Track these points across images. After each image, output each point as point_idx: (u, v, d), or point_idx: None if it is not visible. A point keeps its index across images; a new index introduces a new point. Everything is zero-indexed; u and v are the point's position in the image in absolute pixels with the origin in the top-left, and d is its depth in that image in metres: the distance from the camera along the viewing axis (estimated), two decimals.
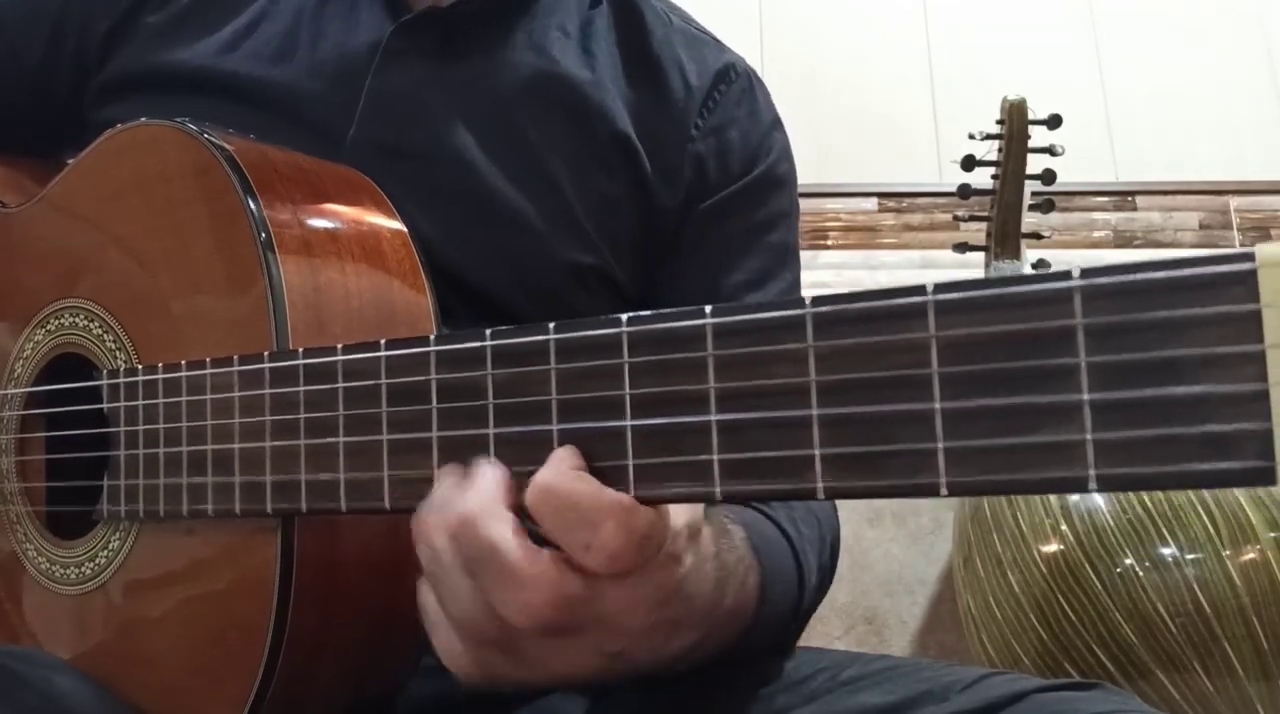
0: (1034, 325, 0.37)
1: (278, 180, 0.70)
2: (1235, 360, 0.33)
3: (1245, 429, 0.33)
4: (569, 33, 0.93)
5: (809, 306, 0.42)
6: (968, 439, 0.38)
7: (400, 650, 0.69)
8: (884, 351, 0.40)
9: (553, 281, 0.86)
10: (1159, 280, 0.35)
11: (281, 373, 0.60)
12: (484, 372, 0.51)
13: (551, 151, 0.88)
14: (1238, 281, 0.33)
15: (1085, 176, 2.49)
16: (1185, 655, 1.42)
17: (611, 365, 0.47)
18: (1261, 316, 0.33)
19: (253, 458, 0.61)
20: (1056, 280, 0.36)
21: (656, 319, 0.46)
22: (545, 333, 0.49)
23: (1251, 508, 1.48)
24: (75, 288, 0.77)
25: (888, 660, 0.73)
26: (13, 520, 0.79)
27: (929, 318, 0.39)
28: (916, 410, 0.39)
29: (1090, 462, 0.35)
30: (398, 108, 0.86)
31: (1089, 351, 0.36)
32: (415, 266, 0.72)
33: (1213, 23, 2.69)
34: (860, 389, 0.40)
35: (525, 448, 0.49)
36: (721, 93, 0.94)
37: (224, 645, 0.65)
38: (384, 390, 0.55)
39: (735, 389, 0.43)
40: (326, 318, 0.66)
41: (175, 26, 0.92)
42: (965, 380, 0.38)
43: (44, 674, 0.69)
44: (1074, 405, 0.36)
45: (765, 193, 0.93)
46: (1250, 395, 0.33)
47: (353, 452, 0.56)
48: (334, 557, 0.64)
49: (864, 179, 2.57)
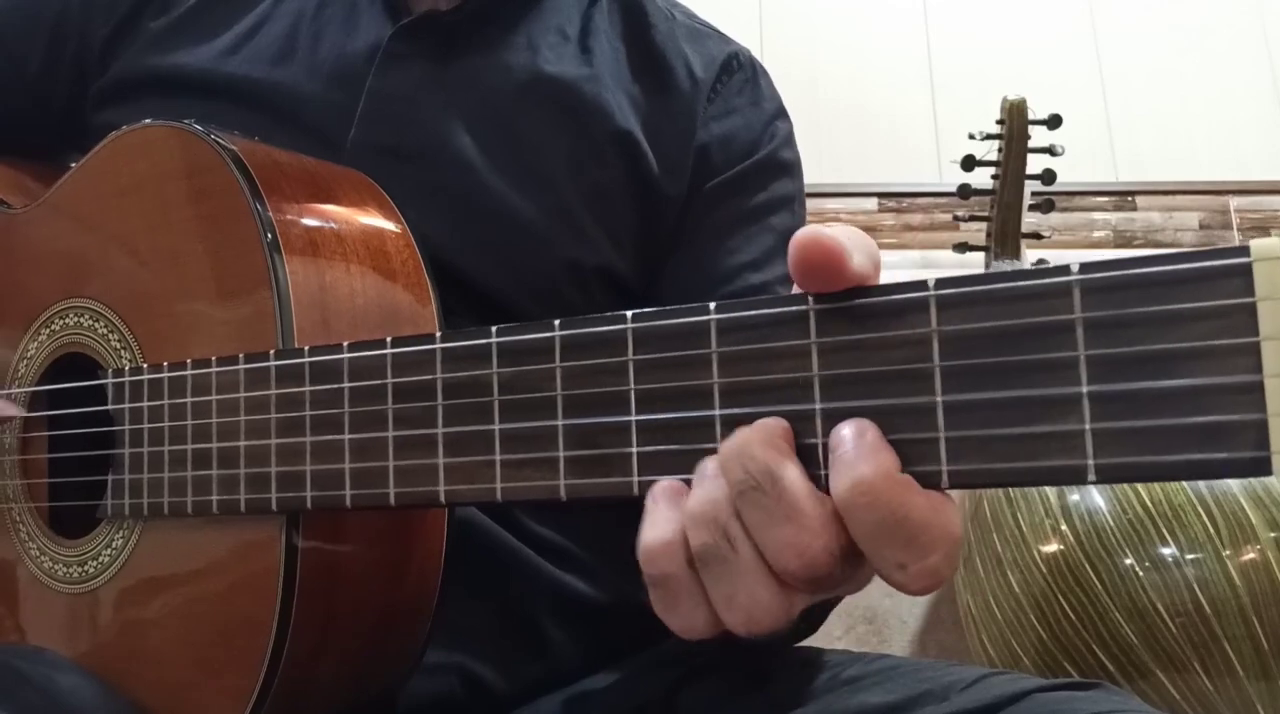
0: (1034, 319, 0.37)
1: (283, 181, 0.70)
2: (1231, 352, 0.34)
3: (1241, 420, 0.33)
4: (568, 34, 0.93)
5: (811, 302, 0.42)
6: (969, 430, 0.38)
7: (403, 648, 0.70)
8: (886, 346, 0.40)
9: (554, 281, 0.86)
10: (1156, 274, 0.35)
11: (287, 371, 0.60)
12: (489, 369, 0.51)
13: (550, 152, 0.88)
14: (1233, 275, 0.34)
15: (1085, 176, 2.50)
16: (1185, 655, 1.42)
17: (616, 362, 0.47)
18: (1256, 309, 0.33)
19: (258, 455, 0.61)
20: (1056, 275, 0.37)
21: (661, 316, 0.46)
22: (550, 330, 0.49)
23: (1251, 508, 1.48)
24: (80, 288, 0.77)
25: (888, 660, 0.74)
26: (15, 520, 0.79)
27: (931, 312, 0.39)
28: (918, 403, 0.40)
29: (1089, 452, 0.36)
30: (397, 110, 0.87)
31: (1088, 344, 0.36)
32: (418, 266, 0.73)
33: (1213, 23, 2.69)
34: (863, 382, 0.41)
35: (531, 444, 0.50)
36: (724, 82, 0.95)
37: (228, 640, 0.65)
38: (390, 388, 0.55)
39: (739, 384, 0.44)
40: (331, 317, 0.66)
41: (176, 31, 0.92)
42: (966, 373, 0.39)
43: (47, 673, 0.69)
44: (1073, 397, 0.36)
45: (768, 177, 0.94)
46: (1246, 386, 0.33)
47: (358, 448, 0.56)
48: (338, 552, 0.64)
49: (864, 179, 2.57)
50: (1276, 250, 0.33)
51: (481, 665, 0.78)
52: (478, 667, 0.78)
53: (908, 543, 0.41)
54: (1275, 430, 0.33)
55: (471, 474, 0.52)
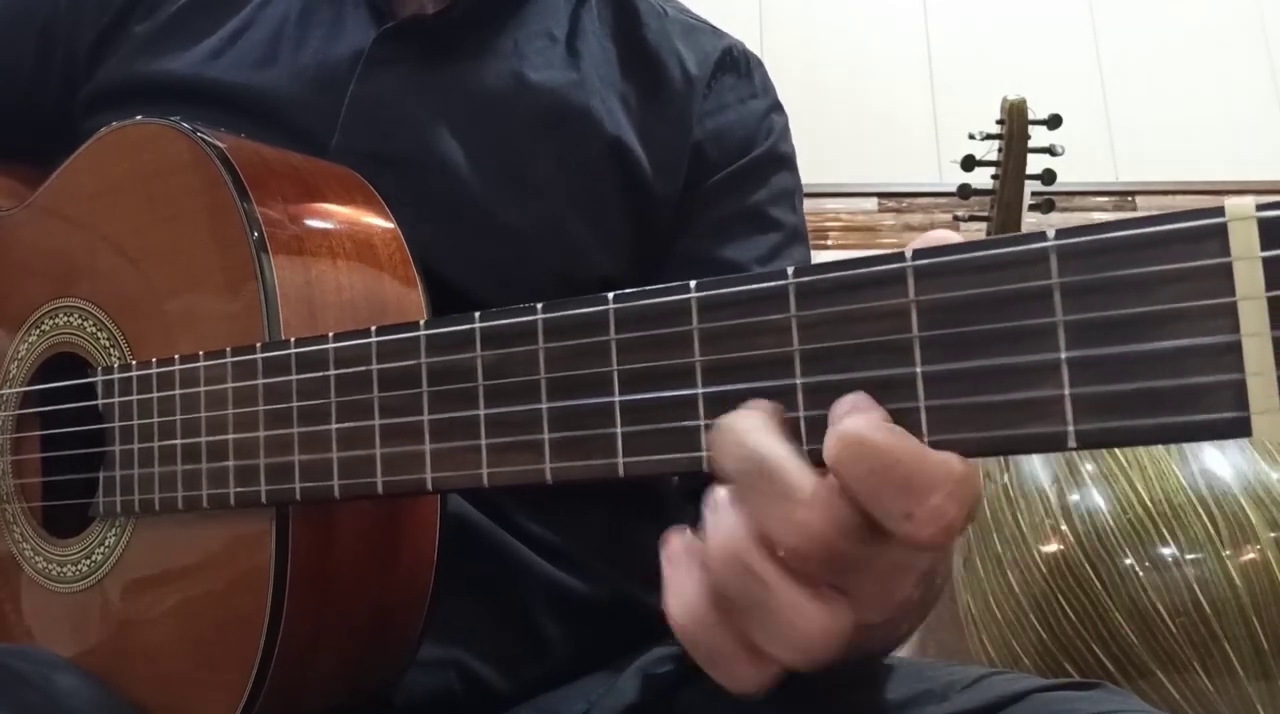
0: (1011, 287, 0.37)
1: (270, 177, 0.70)
2: (1208, 313, 0.34)
3: (1220, 380, 0.33)
4: (556, 37, 0.93)
5: (791, 277, 0.42)
6: (949, 398, 0.38)
7: (397, 642, 0.70)
8: (865, 318, 0.40)
9: (541, 288, 0.85)
10: (1132, 238, 0.35)
11: (274, 363, 0.60)
12: (473, 353, 0.51)
13: (537, 159, 0.87)
14: (1208, 236, 0.34)
15: (1085, 176, 2.50)
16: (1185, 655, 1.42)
17: (599, 342, 0.47)
18: (1232, 269, 0.33)
19: (247, 447, 0.61)
20: (1032, 241, 0.37)
21: (642, 296, 0.46)
22: (533, 313, 0.49)
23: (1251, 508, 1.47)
24: (69, 288, 0.77)
25: (888, 660, 0.73)
26: (9, 520, 0.79)
27: (908, 283, 0.39)
28: (898, 375, 0.40)
29: (1069, 418, 0.36)
30: (381, 115, 0.86)
31: (1065, 310, 0.36)
32: (406, 261, 0.73)
33: (1213, 23, 2.69)
34: (843, 356, 0.41)
35: (516, 428, 0.49)
36: (719, 78, 0.94)
37: (221, 636, 0.65)
38: (375, 376, 0.55)
39: (721, 361, 0.44)
40: (318, 311, 0.66)
41: (162, 36, 0.92)
42: (945, 343, 0.39)
43: (44, 672, 0.69)
44: (1052, 363, 0.36)
45: (767, 172, 0.94)
46: (1224, 347, 0.33)
47: (345, 438, 0.56)
48: (329, 547, 0.64)
49: (864, 179, 2.57)
50: (1250, 210, 0.33)
51: (479, 662, 0.78)
52: (475, 663, 0.78)
53: (904, 487, 0.39)
54: (1254, 390, 0.32)
55: (458, 460, 0.52)
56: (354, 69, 0.87)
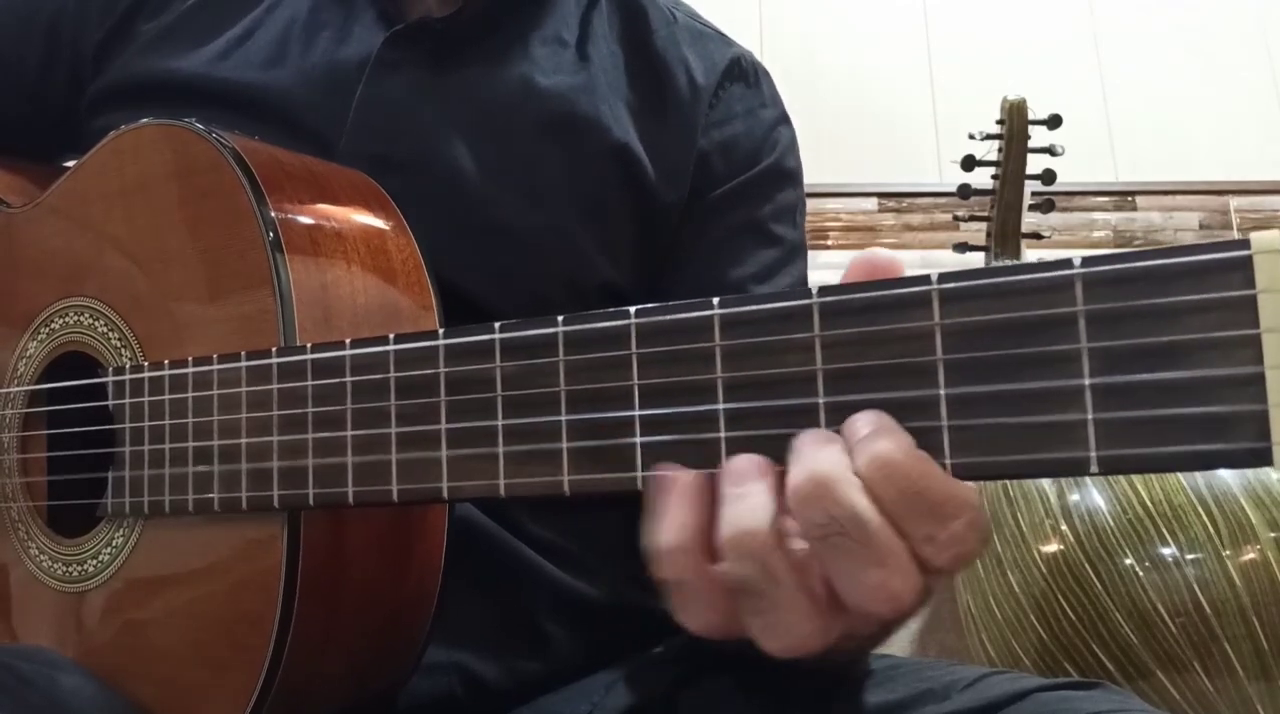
0: (1036, 312, 0.38)
1: (285, 180, 0.70)
2: (1232, 344, 0.34)
3: (1242, 411, 0.34)
4: (565, 41, 0.92)
5: (815, 296, 0.42)
6: (972, 421, 0.39)
7: (404, 645, 0.70)
8: (890, 339, 0.41)
9: (548, 294, 0.85)
10: (1158, 268, 0.36)
11: (289, 368, 0.60)
12: (492, 364, 0.51)
13: (544, 165, 0.87)
14: (1234, 268, 0.34)
15: (1085, 176, 2.50)
16: (1185, 655, 1.42)
17: (620, 356, 0.47)
18: (1257, 302, 0.34)
19: (260, 451, 0.61)
20: (1058, 268, 0.37)
21: (664, 311, 0.46)
22: (554, 325, 0.49)
23: (1251, 508, 1.47)
24: (80, 286, 0.77)
25: (888, 660, 0.74)
26: (15, 519, 0.79)
27: (934, 306, 0.40)
28: (922, 396, 0.40)
29: (1092, 444, 0.36)
30: (389, 118, 0.86)
31: (1090, 337, 0.37)
32: (419, 266, 0.72)
33: (1213, 23, 2.69)
34: (866, 376, 0.41)
35: (535, 439, 0.50)
36: (726, 88, 0.94)
37: (230, 638, 0.65)
38: (392, 384, 0.55)
39: (743, 378, 0.44)
40: (333, 315, 0.66)
41: (169, 35, 0.91)
42: (969, 366, 0.39)
43: (49, 673, 0.68)
44: (1076, 389, 0.37)
45: (771, 187, 0.93)
46: (1247, 378, 0.34)
47: (361, 445, 0.56)
48: (340, 550, 0.64)
49: (864, 179, 2.58)
50: (1276, 243, 0.33)
51: (481, 664, 0.78)
52: (478, 665, 0.78)
53: (931, 512, 0.41)
54: (1276, 421, 0.33)
55: (474, 469, 0.52)
56: (362, 71, 0.86)
